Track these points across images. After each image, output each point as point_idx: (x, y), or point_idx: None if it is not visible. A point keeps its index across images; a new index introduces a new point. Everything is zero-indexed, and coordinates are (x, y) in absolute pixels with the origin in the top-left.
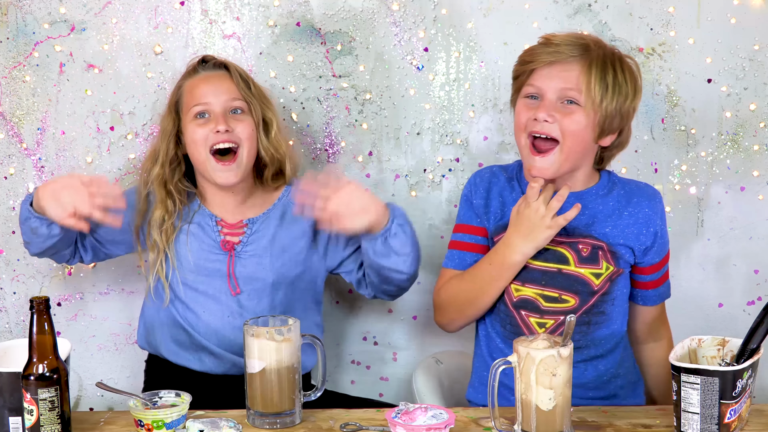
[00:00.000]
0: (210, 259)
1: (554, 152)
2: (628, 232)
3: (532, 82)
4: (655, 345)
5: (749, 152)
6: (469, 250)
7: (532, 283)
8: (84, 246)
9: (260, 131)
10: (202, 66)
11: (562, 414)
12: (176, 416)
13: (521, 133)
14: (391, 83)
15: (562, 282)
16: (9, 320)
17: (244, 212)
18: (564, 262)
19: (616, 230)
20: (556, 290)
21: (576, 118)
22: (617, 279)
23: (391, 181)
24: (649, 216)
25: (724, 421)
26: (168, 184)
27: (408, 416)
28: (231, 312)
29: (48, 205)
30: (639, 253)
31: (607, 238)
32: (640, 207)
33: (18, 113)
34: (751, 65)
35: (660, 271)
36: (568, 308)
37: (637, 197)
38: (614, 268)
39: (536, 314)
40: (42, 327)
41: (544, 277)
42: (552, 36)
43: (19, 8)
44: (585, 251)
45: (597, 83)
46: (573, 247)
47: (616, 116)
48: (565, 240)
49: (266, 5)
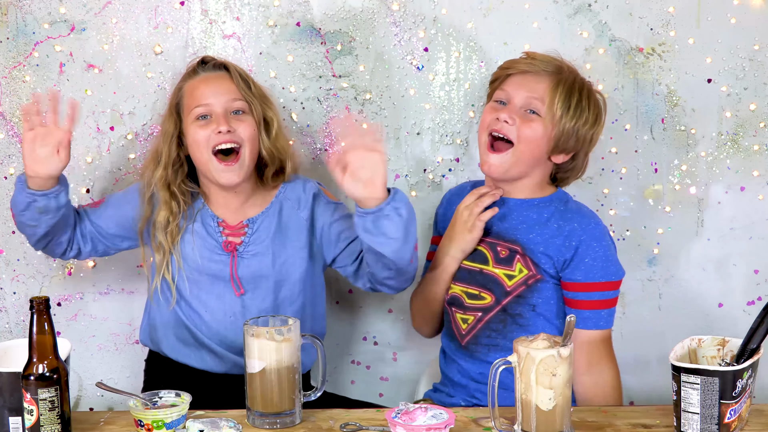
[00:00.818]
0: (213, 260)
1: (508, 153)
2: (550, 243)
3: (504, 87)
4: (589, 380)
5: (749, 152)
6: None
7: (460, 281)
8: (83, 235)
9: (261, 131)
10: (201, 67)
11: (562, 414)
12: (176, 416)
13: (483, 132)
14: (391, 83)
15: (481, 280)
16: (9, 320)
17: (245, 212)
18: (484, 262)
19: (539, 238)
20: (476, 288)
21: (534, 126)
22: (537, 285)
23: (391, 181)
24: (574, 231)
25: (724, 421)
26: (171, 186)
27: (408, 416)
28: (234, 312)
29: (42, 169)
30: (558, 265)
31: (528, 243)
32: (570, 222)
33: (18, 113)
34: (751, 65)
35: (587, 294)
36: (485, 305)
37: (572, 214)
38: (528, 272)
39: (461, 310)
40: (42, 327)
41: (468, 275)
42: (534, 53)
43: (19, 8)
44: (503, 253)
45: (560, 100)
46: (492, 248)
47: (572, 137)
48: (487, 240)
49: (266, 5)
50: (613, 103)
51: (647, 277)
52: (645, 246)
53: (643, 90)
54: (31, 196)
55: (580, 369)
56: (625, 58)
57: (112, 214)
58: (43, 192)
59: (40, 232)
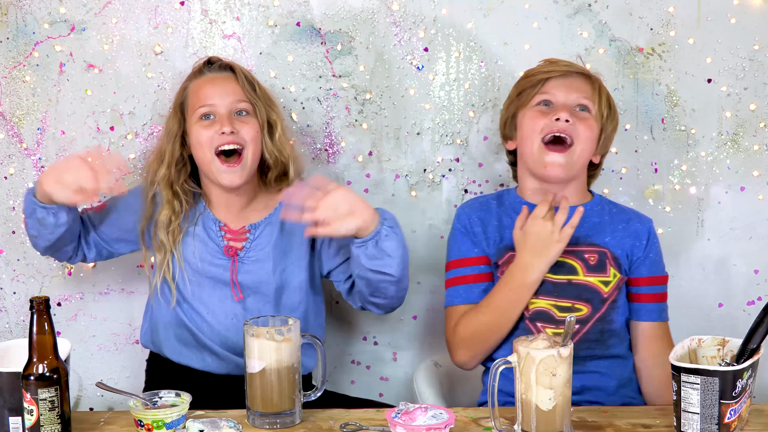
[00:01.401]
0: (214, 263)
1: (568, 152)
2: (624, 243)
3: (545, 90)
4: (662, 373)
5: (749, 152)
6: (475, 282)
7: (545, 294)
8: (87, 243)
9: (265, 133)
10: (207, 67)
11: (562, 414)
12: (176, 416)
13: (534, 137)
14: (391, 83)
15: (572, 292)
16: (9, 320)
17: (247, 216)
18: (573, 273)
19: (614, 240)
20: (569, 300)
21: (590, 123)
22: (622, 287)
23: (391, 181)
24: (640, 230)
25: (724, 421)
26: (174, 185)
27: (408, 416)
28: (235, 314)
29: (53, 189)
30: (630, 264)
31: (610, 247)
32: (632, 222)
33: (18, 113)
34: (751, 65)
35: (653, 287)
36: (581, 317)
37: (628, 214)
38: (621, 276)
39: (552, 324)
40: (42, 327)
41: (555, 288)
42: (554, 59)
43: (19, 8)
44: (592, 260)
45: (604, 101)
46: (579, 256)
47: (608, 139)
48: (571, 250)
49: (266, 5)
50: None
51: None
52: None
53: (643, 90)
54: (33, 204)
55: (649, 362)
56: (625, 58)
57: (114, 218)
58: (43, 205)
59: (42, 243)
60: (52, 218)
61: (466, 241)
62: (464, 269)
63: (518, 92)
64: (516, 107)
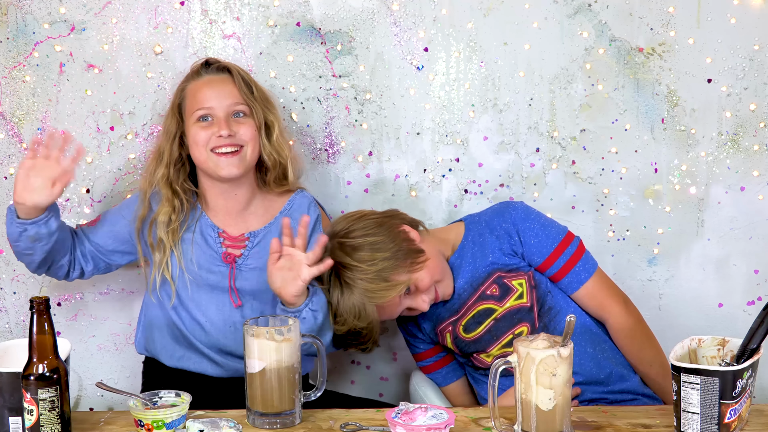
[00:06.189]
0: (212, 270)
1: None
2: (503, 245)
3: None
4: (610, 327)
5: (749, 152)
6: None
7: (489, 345)
8: (84, 255)
9: (262, 134)
10: (205, 69)
11: (562, 414)
12: (176, 416)
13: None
14: (391, 83)
15: (504, 326)
16: (9, 320)
17: (246, 221)
18: (491, 313)
19: (493, 254)
20: (507, 334)
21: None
22: (536, 276)
23: (391, 181)
24: (502, 227)
25: (724, 421)
26: (174, 184)
27: (408, 416)
28: (233, 322)
29: (33, 198)
30: (525, 256)
31: (495, 264)
32: (494, 223)
33: (18, 113)
34: (751, 65)
35: (559, 260)
36: (528, 334)
37: (488, 218)
38: (525, 275)
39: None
40: (42, 327)
41: (490, 335)
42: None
43: (19, 8)
44: (494, 291)
45: None
46: (483, 296)
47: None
48: (470, 305)
49: (266, 5)
50: (613, 103)
51: (647, 277)
52: (645, 246)
53: (643, 90)
54: (21, 225)
55: (604, 316)
56: (625, 58)
57: (109, 230)
58: (33, 220)
59: (38, 258)
60: (44, 229)
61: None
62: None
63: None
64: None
